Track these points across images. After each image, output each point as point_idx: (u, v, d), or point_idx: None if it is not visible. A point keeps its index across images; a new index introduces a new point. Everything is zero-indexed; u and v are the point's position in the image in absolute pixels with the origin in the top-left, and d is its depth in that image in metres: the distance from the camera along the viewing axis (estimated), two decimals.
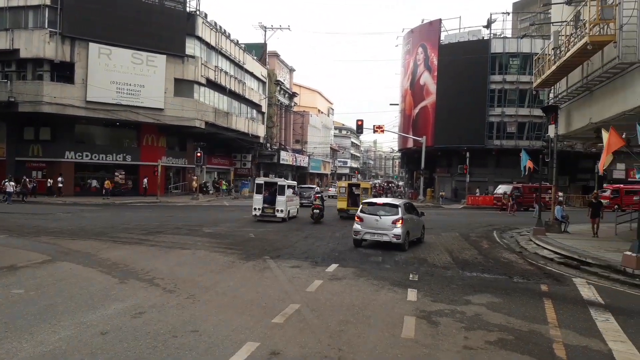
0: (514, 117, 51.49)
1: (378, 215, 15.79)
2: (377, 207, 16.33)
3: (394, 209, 15.98)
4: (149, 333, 6.80)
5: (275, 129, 64.33)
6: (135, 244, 15.10)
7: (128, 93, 36.83)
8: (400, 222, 15.49)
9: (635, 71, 14.95)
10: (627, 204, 40.03)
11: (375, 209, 16.16)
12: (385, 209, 16.05)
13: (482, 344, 6.82)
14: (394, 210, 15.87)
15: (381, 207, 16.37)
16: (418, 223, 17.58)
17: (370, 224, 15.82)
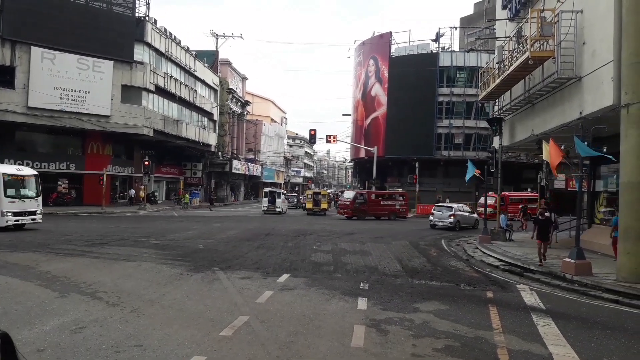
0: (461, 128, 53.10)
1: (442, 211, 29.72)
2: (442, 207, 30.60)
3: (450, 209, 29.61)
4: (89, 349, 6.51)
5: (227, 138, 63.61)
6: (78, 256, 14.50)
7: (73, 99, 35.53)
8: (453, 216, 29.05)
9: (573, 86, 15.71)
10: (512, 212, 39.48)
11: (441, 209, 30.31)
12: (446, 209, 29.86)
13: (430, 351, 6.91)
14: (450, 210, 29.54)
15: (444, 207, 30.46)
16: (470, 218, 31.02)
17: (438, 216, 29.69)
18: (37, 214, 21.42)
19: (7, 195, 20.20)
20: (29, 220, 21.05)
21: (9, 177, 20.59)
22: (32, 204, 21.25)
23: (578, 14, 15.36)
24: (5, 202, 20.16)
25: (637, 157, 11.87)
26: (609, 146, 14.50)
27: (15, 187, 20.83)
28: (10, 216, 20.17)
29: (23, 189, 21.16)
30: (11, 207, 20.34)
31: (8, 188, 20.39)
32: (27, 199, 21.01)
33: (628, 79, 11.97)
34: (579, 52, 15.35)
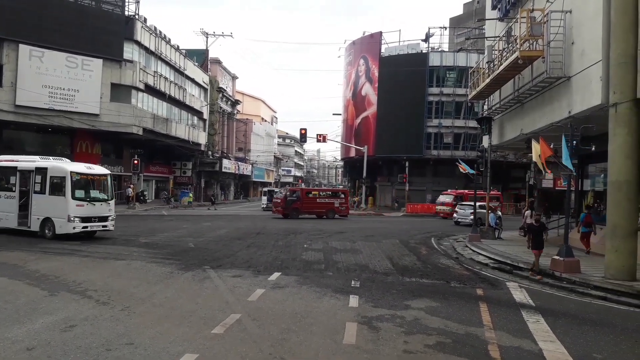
0: (450, 128, 53.35)
1: (464, 209, 32.15)
2: (465, 206, 32.91)
3: (471, 207, 27.38)
4: (80, 347, 6.46)
5: (217, 137, 63.39)
6: (67, 255, 14.38)
7: (61, 98, 35.19)
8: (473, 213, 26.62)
9: (562, 85, 15.85)
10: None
11: (464, 207, 32.82)
12: (468, 207, 30.99)
13: (422, 347, 6.95)
14: (471, 208, 27.83)
15: (467, 206, 32.23)
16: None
17: (461, 214, 32.41)
18: (110, 219, 18.58)
19: (75, 198, 17.53)
20: (99, 227, 18.29)
21: (78, 177, 17.99)
22: (103, 209, 18.45)
23: (567, 14, 15.51)
24: (72, 205, 17.45)
25: (625, 156, 12.01)
26: (598, 145, 14.66)
27: (85, 189, 18.19)
28: (77, 222, 17.38)
29: (93, 191, 18.52)
30: (79, 211, 17.55)
31: (76, 189, 17.73)
32: (97, 202, 18.28)
33: (616, 79, 12.10)
34: (568, 52, 15.49)
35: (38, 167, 18.24)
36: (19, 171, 18.68)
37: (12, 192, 18.71)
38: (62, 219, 17.30)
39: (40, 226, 17.77)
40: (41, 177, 18.01)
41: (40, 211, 17.87)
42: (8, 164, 19.44)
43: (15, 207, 18.44)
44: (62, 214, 17.31)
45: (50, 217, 17.58)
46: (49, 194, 17.75)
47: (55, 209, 17.51)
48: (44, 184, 17.93)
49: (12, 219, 18.47)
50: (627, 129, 11.97)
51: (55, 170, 17.99)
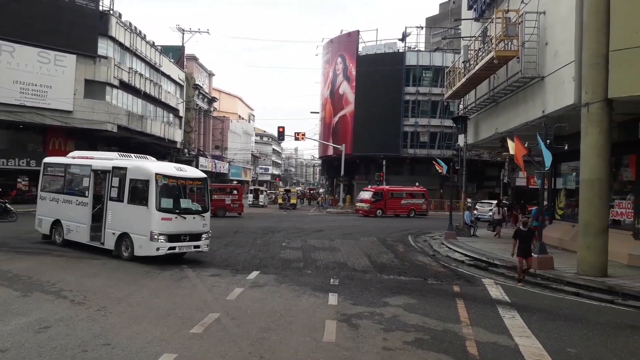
0: (426, 127, 53.89)
1: (484, 207, 33.52)
2: (484, 203, 34.43)
3: (490, 205, 31.03)
4: (55, 348, 6.34)
5: (194, 134, 62.74)
6: (41, 255, 14.06)
7: (33, 94, 34.38)
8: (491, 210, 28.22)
9: (536, 85, 16.14)
10: (392, 208, 37.82)
11: (483, 204, 34.38)
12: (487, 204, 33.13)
13: (400, 344, 7.02)
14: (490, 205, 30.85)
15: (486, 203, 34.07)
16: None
17: (481, 210, 33.16)
18: (204, 238, 13.84)
19: (160, 209, 13.06)
20: (189, 247, 13.57)
21: (165, 181, 13.44)
22: (196, 223, 13.72)
23: (541, 15, 15.78)
24: (156, 218, 12.94)
25: (597, 155, 12.30)
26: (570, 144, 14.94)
27: (174, 197, 13.65)
28: (162, 241, 12.90)
29: (184, 200, 13.92)
30: (165, 227, 12.99)
31: (163, 197, 13.26)
32: (189, 214, 13.62)
33: (588, 79, 12.37)
34: (541, 52, 15.77)
35: (116, 167, 14.35)
36: (93, 171, 14.98)
37: (84, 197, 15.02)
38: (142, 236, 13.00)
39: (117, 244, 13.68)
40: (119, 179, 14.01)
41: (117, 224, 13.81)
42: (81, 162, 15.87)
43: (87, 217, 14.71)
44: (144, 230, 12.99)
45: (128, 233, 13.42)
46: (128, 202, 13.60)
47: (134, 222, 13.32)
48: (122, 188, 13.87)
49: (83, 231, 14.72)
50: (598, 128, 12.25)
51: (136, 171, 13.80)
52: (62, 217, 15.56)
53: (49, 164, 17.31)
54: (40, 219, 16.50)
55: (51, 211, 16.02)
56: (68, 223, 15.29)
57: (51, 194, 16.36)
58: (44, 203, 16.52)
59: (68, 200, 15.54)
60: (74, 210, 15.17)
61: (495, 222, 23.71)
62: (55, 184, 16.67)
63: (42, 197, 16.72)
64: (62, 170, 16.36)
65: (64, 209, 15.53)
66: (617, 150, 14.26)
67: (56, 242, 15.54)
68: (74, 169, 16.07)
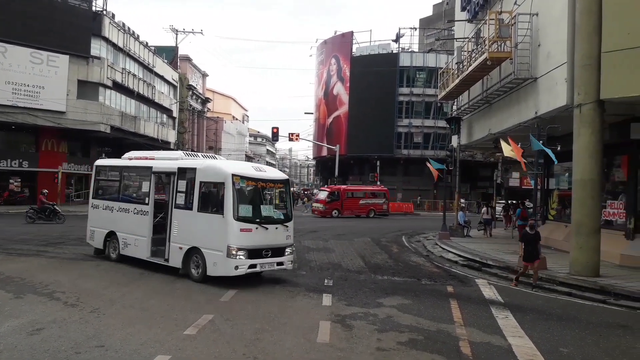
0: (420, 127, 54.04)
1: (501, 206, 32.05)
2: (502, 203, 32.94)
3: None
4: (48, 350, 6.32)
5: (187, 135, 62.59)
6: (33, 256, 13.98)
7: (26, 94, 34.14)
8: None
9: (529, 86, 16.22)
10: (349, 208, 35.53)
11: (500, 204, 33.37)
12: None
13: (394, 345, 7.04)
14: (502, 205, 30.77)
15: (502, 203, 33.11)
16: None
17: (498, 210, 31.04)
18: (287, 252, 11.50)
19: (239, 218, 10.68)
20: (272, 265, 11.21)
21: (244, 184, 11.19)
22: (279, 235, 11.36)
23: (534, 17, 15.87)
24: (234, 229, 10.59)
25: (589, 156, 12.37)
26: (563, 145, 15.07)
27: (254, 203, 11.34)
28: (242, 257, 10.53)
29: (266, 207, 11.58)
30: (245, 239, 10.66)
31: (242, 204, 10.93)
32: (271, 224, 11.25)
33: (581, 80, 12.45)
34: (534, 53, 15.86)
35: (182, 168, 11.98)
36: (154, 174, 12.70)
37: (143, 204, 12.74)
38: (217, 252, 10.64)
39: (185, 261, 11.32)
40: (186, 183, 11.73)
41: (185, 237, 11.44)
42: (139, 163, 13.66)
43: (147, 229, 12.43)
44: (218, 244, 10.64)
45: (198, 248, 11.08)
46: (198, 210, 11.22)
47: (207, 234, 11.02)
48: (190, 194, 11.56)
49: (143, 245, 12.43)
50: (590, 129, 12.33)
51: (208, 172, 11.43)
52: (118, 228, 13.39)
53: (101, 166, 15.49)
54: (92, 230, 14.35)
55: (105, 222, 13.92)
56: (125, 235, 13.10)
57: (104, 202, 14.20)
58: (96, 212, 14.37)
59: (124, 208, 13.35)
60: (131, 220, 12.99)
61: (484, 221, 23.93)
62: (109, 189, 14.68)
63: (94, 206, 14.55)
64: (117, 174, 14.44)
65: (119, 218, 13.42)
66: (609, 151, 14.37)
67: (110, 257, 13.45)
68: (131, 171, 14.08)
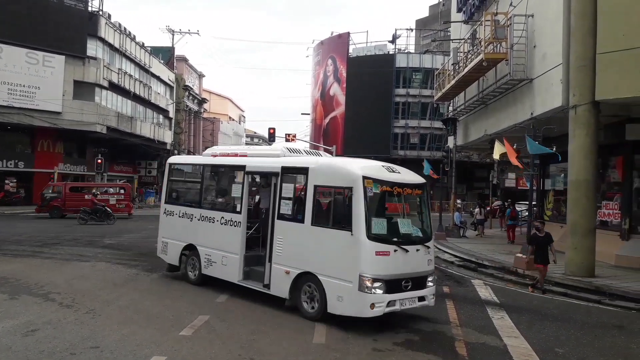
0: (416, 128, 54.11)
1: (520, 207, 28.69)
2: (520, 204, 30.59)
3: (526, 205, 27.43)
4: (43, 352, 6.29)
5: (184, 136, 62.51)
6: (29, 257, 13.94)
7: (21, 94, 34.06)
8: None
9: (525, 87, 16.27)
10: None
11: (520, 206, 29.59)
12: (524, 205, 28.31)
13: (390, 345, 7.04)
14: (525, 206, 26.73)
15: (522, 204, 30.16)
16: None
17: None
18: (429, 283, 8.57)
19: (374, 237, 7.86)
20: (413, 301, 8.23)
21: (377, 190, 8.27)
22: (420, 260, 8.43)
23: (529, 18, 15.92)
24: (369, 252, 7.79)
25: (584, 157, 12.42)
26: (559, 145, 15.12)
27: (390, 216, 8.58)
28: (379, 292, 7.70)
29: (404, 220, 8.54)
30: (382, 266, 7.85)
31: (376, 217, 8.17)
32: (412, 244, 8.29)
33: (576, 82, 12.49)
34: (530, 54, 15.91)
35: (288, 167, 9.17)
36: (247, 174, 10.04)
37: (233, 213, 10.03)
38: (343, 282, 7.80)
39: (293, 289, 8.51)
40: (294, 187, 8.99)
41: (293, 258, 8.63)
42: (227, 161, 10.99)
43: (239, 243, 9.69)
44: (345, 271, 7.83)
45: (314, 275, 8.22)
46: (313, 224, 8.41)
47: (326, 256, 8.15)
48: (299, 201, 8.79)
49: (233, 265, 9.76)
50: (586, 130, 12.38)
51: (326, 173, 8.61)
52: (199, 241, 10.73)
53: (176, 165, 12.68)
54: (164, 242, 11.76)
55: (182, 232, 11.25)
56: (208, 251, 10.40)
57: (181, 208, 11.44)
58: (170, 220, 11.68)
59: (208, 217, 10.60)
60: (217, 232, 10.27)
61: (477, 221, 24.26)
62: (188, 193, 12.17)
63: (168, 212, 11.79)
64: (197, 174, 11.66)
65: (201, 229, 10.73)
66: (604, 151, 14.43)
67: (189, 277, 10.88)
68: (217, 171, 11.54)
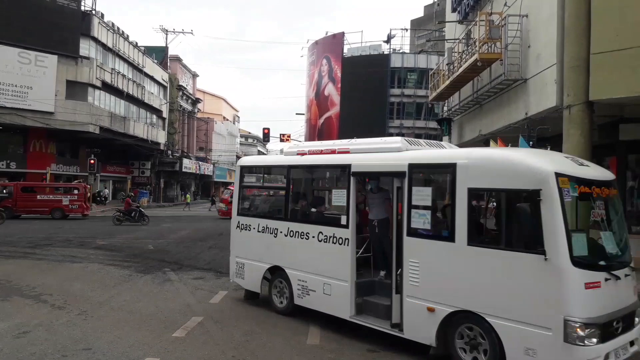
0: (411, 129, 54.19)
1: None
2: None
3: None
4: (34, 354, 6.23)
5: (177, 136, 62.33)
6: (20, 258, 13.84)
7: (13, 94, 33.87)
8: None
9: (519, 87, 16.28)
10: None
11: None
12: None
13: (384, 346, 7.00)
14: None
15: None
16: None
17: None
18: (636, 321, 5.75)
19: (577, 262, 5.09)
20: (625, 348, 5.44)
21: (575, 192, 5.41)
22: (626, 287, 5.67)
23: (524, 18, 15.91)
24: (575, 284, 5.06)
25: (578, 156, 12.40)
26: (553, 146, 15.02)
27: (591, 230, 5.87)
28: (592, 341, 4.99)
29: (607, 234, 5.80)
30: (594, 304, 5.15)
31: (577, 232, 5.42)
32: (619, 269, 5.56)
33: (570, 82, 12.48)
34: (524, 55, 15.91)
35: (419, 165, 6.93)
36: (354, 175, 7.75)
37: (337, 226, 7.67)
38: (536, 329, 5.24)
39: (440, 333, 6.19)
40: (430, 191, 6.68)
41: (438, 289, 6.25)
42: (324, 160, 8.69)
43: (348, 267, 7.41)
44: (537, 312, 5.26)
45: (479, 315, 5.76)
46: (470, 243, 5.90)
47: (500, 290, 5.61)
48: (442, 211, 6.90)
49: (339, 295, 7.46)
50: (580, 130, 12.37)
51: (491, 171, 5.94)
52: (288, 262, 8.35)
53: (250, 167, 10.14)
54: (239, 263, 9.34)
55: (263, 251, 8.83)
56: (302, 275, 8.02)
57: (261, 221, 8.99)
58: (247, 236, 9.25)
59: (299, 232, 8.12)
60: (313, 251, 7.86)
61: None
62: (269, 202, 10.04)
63: (243, 226, 9.33)
64: (281, 178, 9.29)
65: (290, 247, 8.31)
66: (598, 152, 14.42)
67: (275, 305, 8.58)
68: (309, 173, 9.20)
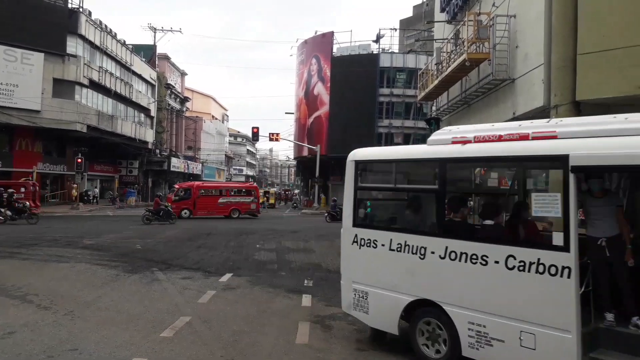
0: (400, 128, 54.34)
1: None
2: None
3: None
4: (19, 355, 6.15)
5: (166, 135, 61.96)
6: (5, 258, 13.66)
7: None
8: None
9: (507, 87, 16.40)
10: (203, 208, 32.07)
11: None
12: None
13: (374, 345, 7.01)
14: None
15: None
16: None
17: None
18: None
19: None
20: None
21: None
22: None
23: (512, 19, 16.03)
24: None
25: None
26: None
27: None
28: None
29: None
30: None
31: None
32: None
33: (557, 82, 12.59)
34: (512, 55, 16.02)
35: None
36: (575, 171, 4.78)
37: (546, 248, 4.94)
38: None
39: None
40: None
41: None
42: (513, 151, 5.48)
43: (567, 308, 4.60)
44: None
45: None
46: None
47: None
48: None
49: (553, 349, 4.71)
50: None
51: None
52: (445, 295, 5.89)
53: (371, 163, 7.51)
54: (361, 291, 6.87)
55: (401, 277, 6.39)
56: (477, 317, 5.49)
57: (394, 235, 6.51)
58: (371, 256, 6.78)
59: (467, 253, 5.62)
60: (497, 283, 5.34)
61: None
62: (406, 210, 7.40)
63: (363, 242, 6.87)
64: (427, 177, 6.92)
65: (450, 275, 5.81)
66: None
67: (422, 354, 6.14)
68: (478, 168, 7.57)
